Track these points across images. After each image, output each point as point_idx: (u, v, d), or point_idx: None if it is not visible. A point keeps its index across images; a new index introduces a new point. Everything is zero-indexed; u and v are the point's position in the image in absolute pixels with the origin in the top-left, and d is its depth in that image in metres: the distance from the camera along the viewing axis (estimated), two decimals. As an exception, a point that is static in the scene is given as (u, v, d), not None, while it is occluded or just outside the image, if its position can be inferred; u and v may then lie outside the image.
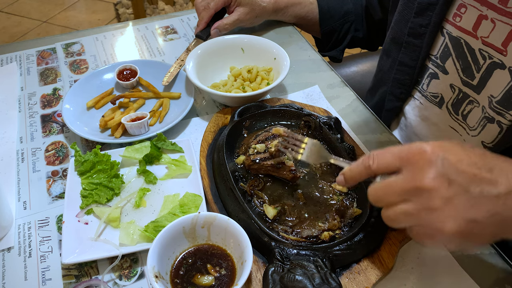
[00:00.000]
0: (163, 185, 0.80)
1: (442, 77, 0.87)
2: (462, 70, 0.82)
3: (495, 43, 0.75)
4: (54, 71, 1.10)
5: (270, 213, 0.71)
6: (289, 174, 0.75)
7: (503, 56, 0.74)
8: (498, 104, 0.77)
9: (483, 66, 0.78)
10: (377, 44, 1.28)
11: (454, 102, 0.86)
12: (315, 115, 0.86)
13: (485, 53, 0.77)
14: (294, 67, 1.09)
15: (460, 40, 0.80)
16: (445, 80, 0.86)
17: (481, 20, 0.76)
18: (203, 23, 1.13)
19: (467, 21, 0.78)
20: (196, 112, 0.98)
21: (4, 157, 0.88)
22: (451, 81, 0.85)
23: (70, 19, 3.33)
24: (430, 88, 0.90)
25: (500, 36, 0.74)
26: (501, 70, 0.75)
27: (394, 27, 0.93)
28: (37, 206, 0.79)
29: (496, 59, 0.75)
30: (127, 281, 0.68)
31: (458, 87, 0.84)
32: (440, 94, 0.88)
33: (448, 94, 0.86)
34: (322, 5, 1.20)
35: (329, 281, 0.60)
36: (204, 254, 0.66)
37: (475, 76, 0.80)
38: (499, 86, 0.76)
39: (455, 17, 0.80)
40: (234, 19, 1.12)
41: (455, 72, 0.83)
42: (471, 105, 0.83)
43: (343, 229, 0.69)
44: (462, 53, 0.81)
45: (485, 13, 0.75)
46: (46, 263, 0.71)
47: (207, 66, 1.02)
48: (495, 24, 0.74)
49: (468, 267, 0.68)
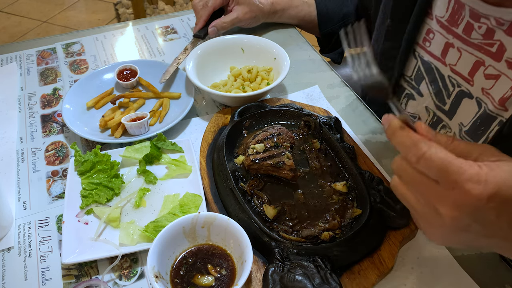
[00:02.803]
0: (163, 185, 0.80)
1: (418, 99, 0.86)
2: (434, 94, 0.82)
3: (462, 71, 0.74)
4: (54, 71, 1.10)
5: (270, 213, 0.71)
6: (289, 173, 0.75)
7: (470, 86, 0.73)
8: (466, 135, 0.76)
9: (452, 93, 0.77)
10: None
11: (430, 125, 0.85)
12: (315, 115, 0.86)
13: (454, 80, 0.76)
14: (294, 67, 1.09)
15: (431, 65, 0.80)
16: (420, 102, 0.86)
17: (448, 48, 0.75)
18: (201, 21, 1.13)
19: (435, 47, 0.78)
20: (196, 112, 0.98)
21: (4, 157, 0.88)
22: (426, 104, 0.85)
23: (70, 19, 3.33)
24: (408, 108, 0.90)
25: (466, 66, 0.73)
26: (469, 99, 0.74)
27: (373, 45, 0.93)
28: (37, 206, 0.79)
29: (464, 88, 0.75)
30: (127, 281, 0.68)
31: (432, 110, 0.84)
32: (417, 115, 0.88)
33: (424, 116, 0.86)
34: (321, 8, 1.20)
35: (329, 281, 0.60)
36: (204, 254, 0.66)
37: (446, 101, 0.79)
38: (468, 115, 0.76)
39: (425, 42, 0.80)
40: (233, 17, 1.11)
41: (429, 95, 0.83)
42: (444, 129, 0.82)
43: (343, 229, 0.69)
44: (434, 78, 0.80)
45: (451, 41, 0.74)
46: (46, 263, 0.71)
47: (207, 66, 1.02)
48: (461, 53, 0.73)
49: (468, 267, 0.68)
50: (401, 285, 0.67)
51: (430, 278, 0.67)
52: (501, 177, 0.43)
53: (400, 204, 0.71)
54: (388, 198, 0.71)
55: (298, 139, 0.85)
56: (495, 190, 0.43)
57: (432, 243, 0.72)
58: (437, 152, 0.45)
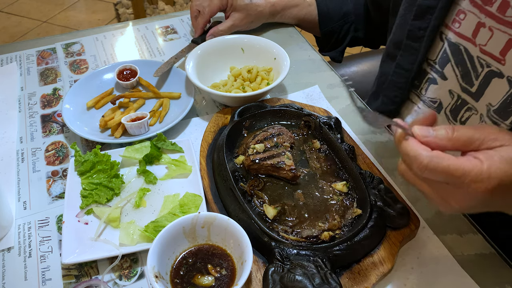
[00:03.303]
0: (163, 185, 0.80)
1: (440, 83, 0.86)
2: (461, 77, 0.81)
3: (493, 51, 0.74)
4: (54, 71, 1.10)
5: (270, 213, 0.71)
6: (289, 173, 0.75)
7: (501, 65, 0.73)
8: (495, 113, 0.76)
9: (481, 74, 0.77)
10: (378, 43, 1.27)
11: (453, 108, 0.85)
12: (315, 115, 0.86)
13: (483, 61, 0.76)
14: (294, 67, 1.09)
15: (459, 46, 0.80)
16: (443, 86, 0.86)
17: (479, 28, 0.75)
18: (199, 30, 1.14)
19: (466, 27, 0.78)
20: (196, 112, 0.98)
21: (4, 157, 0.88)
22: (450, 87, 0.84)
23: (70, 19, 3.33)
24: (428, 93, 0.89)
25: (498, 45, 0.73)
26: (499, 79, 0.74)
27: (396, 31, 0.93)
28: (37, 206, 0.79)
29: (494, 67, 0.74)
30: (127, 281, 0.68)
31: (457, 93, 0.83)
32: (438, 99, 0.88)
33: (447, 99, 0.86)
34: (321, 7, 1.20)
35: (329, 281, 0.60)
36: (204, 254, 0.66)
37: (473, 83, 0.79)
38: (497, 95, 0.75)
39: (454, 23, 0.80)
40: (229, 25, 1.12)
41: (454, 78, 0.83)
42: (470, 112, 0.82)
43: (343, 229, 0.69)
44: (461, 60, 0.80)
45: (483, 20, 0.74)
46: (46, 263, 0.71)
47: (207, 66, 1.02)
48: (493, 33, 0.73)
49: (468, 267, 0.68)
50: (401, 285, 0.67)
51: (430, 278, 0.67)
52: (502, 169, 0.48)
53: (400, 204, 0.71)
54: (388, 198, 0.71)
55: (298, 139, 0.85)
56: (497, 183, 0.48)
57: (432, 243, 0.72)
58: (438, 162, 0.49)
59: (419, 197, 0.79)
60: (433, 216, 0.76)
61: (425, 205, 0.78)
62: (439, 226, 0.74)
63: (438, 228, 0.74)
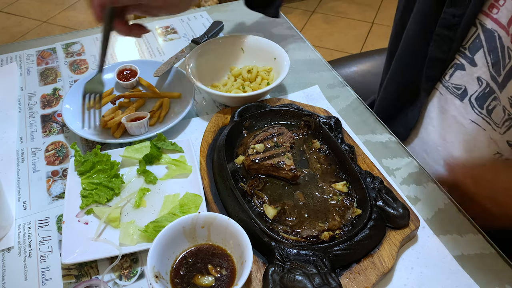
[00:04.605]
0: (163, 185, 0.80)
1: (468, 69, 0.82)
2: (492, 64, 0.77)
3: None
4: (54, 71, 1.10)
5: (270, 213, 0.71)
6: (289, 173, 0.75)
7: None
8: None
9: (507, 65, 0.74)
10: None
11: (479, 96, 0.81)
12: (315, 115, 0.86)
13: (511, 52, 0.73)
14: (294, 67, 1.09)
15: (494, 33, 0.76)
16: (471, 72, 0.81)
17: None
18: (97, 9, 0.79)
19: (504, 13, 0.74)
20: (196, 112, 0.98)
21: (4, 157, 0.88)
22: (479, 74, 0.80)
23: (70, 19, 3.33)
24: (453, 79, 0.85)
25: None
26: None
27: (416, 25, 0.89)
28: (37, 206, 0.79)
29: None
30: (127, 281, 0.68)
31: (486, 81, 0.79)
32: (463, 86, 0.83)
33: (473, 87, 0.82)
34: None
35: (329, 281, 0.60)
36: (204, 254, 0.66)
37: (501, 73, 0.76)
38: None
39: (492, 8, 0.75)
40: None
41: (485, 65, 0.79)
42: (495, 101, 0.79)
43: (343, 229, 0.69)
44: (494, 47, 0.77)
45: None
46: (46, 263, 0.71)
47: (207, 66, 1.02)
48: None
49: (468, 267, 0.68)
50: (401, 285, 0.67)
51: (430, 278, 0.67)
52: None
53: (400, 204, 0.71)
54: (388, 198, 0.71)
55: (298, 139, 0.85)
56: None
57: (432, 243, 0.72)
58: None
59: (419, 197, 0.79)
60: (433, 216, 0.76)
61: (425, 205, 0.78)
62: (439, 226, 0.74)
63: (438, 228, 0.74)
